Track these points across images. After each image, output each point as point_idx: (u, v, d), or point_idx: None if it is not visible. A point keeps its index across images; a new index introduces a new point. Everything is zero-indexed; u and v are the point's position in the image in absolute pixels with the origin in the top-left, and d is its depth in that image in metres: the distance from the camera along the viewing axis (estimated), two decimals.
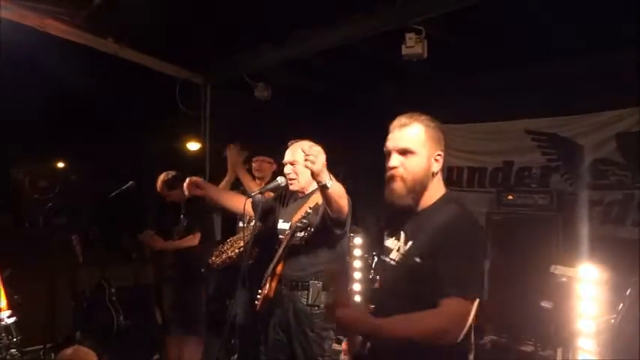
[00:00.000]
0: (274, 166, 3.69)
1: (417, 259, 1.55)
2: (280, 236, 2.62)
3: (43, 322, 3.91)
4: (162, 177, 4.10)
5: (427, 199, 1.67)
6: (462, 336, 1.44)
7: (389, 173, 1.67)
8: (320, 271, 2.47)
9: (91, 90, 4.77)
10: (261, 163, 3.67)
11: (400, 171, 1.63)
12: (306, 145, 2.59)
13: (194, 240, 3.99)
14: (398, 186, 1.64)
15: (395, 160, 1.65)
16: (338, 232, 2.47)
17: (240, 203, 2.78)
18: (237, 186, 3.76)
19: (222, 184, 3.56)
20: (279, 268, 2.54)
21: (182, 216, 4.12)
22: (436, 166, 1.66)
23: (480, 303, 1.50)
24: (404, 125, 1.66)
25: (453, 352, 1.50)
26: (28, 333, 4.13)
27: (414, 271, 1.56)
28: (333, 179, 2.23)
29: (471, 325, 1.51)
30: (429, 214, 1.63)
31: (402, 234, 1.69)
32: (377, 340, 1.58)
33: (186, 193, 2.83)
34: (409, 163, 1.63)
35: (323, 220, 2.43)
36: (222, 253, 3.50)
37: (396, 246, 1.70)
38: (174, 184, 4.08)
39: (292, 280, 2.51)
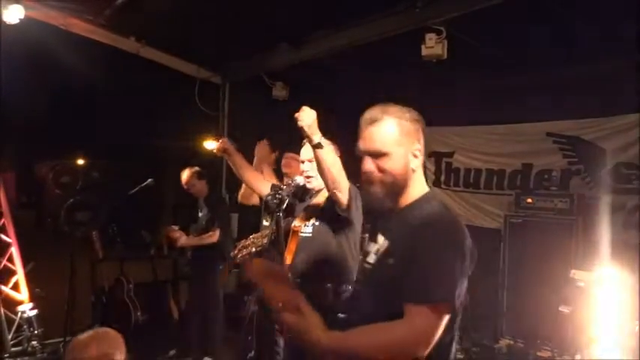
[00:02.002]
0: None
1: (391, 261, 1.41)
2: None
3: (63, 315, 3.99)
4: (189, 169, 4.18)
5: (406, 197, 1.50)
6: (429, 348, 1.26)
7: (364, 177, 1.49)
8: (329, 270, 2.47)
9: (112, 89, 4.85)
10: (291, 160, 3.67)
11: (376, 175, 1.46)
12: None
13: (213, 237, 4.04)
14: (375, 190, 1.47)
15: (369, 164, 1.47)
16: (339, 215, 2.43)
17: (260, 186, 2.84)
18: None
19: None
20: (287, 262, 2.54)
21: (200, 213, 4.17)
22: (415, 162, 1.49)
23: (460, 309, 1.35)
24: (374, 122, 1.46)
25: None
26: (49, 326, 4.24)
27: (387, 274, 1.40)
28: (331, 146, 2.22)
29: (452, 336, 1.37)
30: (407, 214, 1.47)
31: (380, 236, 1.54)
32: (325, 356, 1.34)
33: (216, 151, 2.92)
34: (385, 165, 1.45)
35: (326, 203, 2.44)
36: (244, 248, 3.53)
37: (374, 249, 1.54)
38: (202, 175, 4.17)
39: (302, 278, 2.51)
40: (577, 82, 4.48)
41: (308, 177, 2.59)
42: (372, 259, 1.52)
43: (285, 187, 2.60)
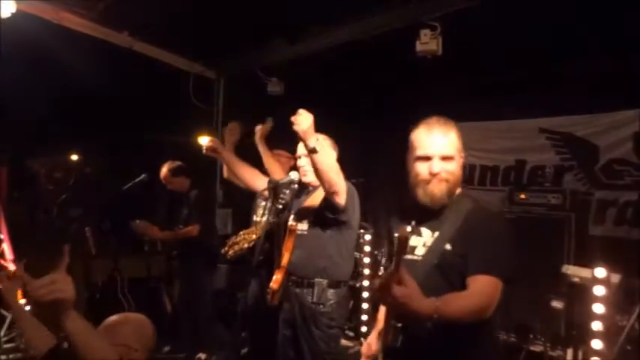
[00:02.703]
0: (292, 162, 3.68)
1: (448, 247, 1.64)
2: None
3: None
4: (166, 164, 4.18)
5: (455, 188, 1.77)
6: (492, 311, 1.54)
7: (429, 177, 1.71)
8: (326, 267, 2.47)
9: (105, 83, 4.81)
10: (279, 158, 3.66)
11: (443, 175, 1.70)
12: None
13: (192, 231, 4.03)
14: (440, 189, 1.70)
15: (437, 165, 1.70)
16: (330, 215, 2.44)
17: (255, 180, 2.83)
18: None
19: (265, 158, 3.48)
20: (284, 260, 2.55)
21: (183, 209, 4.17)
22: (462, 165, 1.79)
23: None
24: (445, 132, 1.73)
25: (485, 332, 1.62)
26: (42, 322, 4.21)
27: (445, 259, 1.63)
28: (326, 147, 2.22)
29: (498, 305, 1.59)
30: (450, 208, 1.72)
31: (425, 230, 1.74)
32: (419, 325, 1.56)
33: (205, 151, 2.92)
34: (450, 167, 1.71)
35: (321, 204, 2.44)
36: (235, 244, 3.53)
37: (420, 242, 1.74)
38: (178, 171, 4.15)
39: (298, 276, 2.51)
40: (570, 79, 4.51)
41: (305, 171, 2.58)
42: (420, 251, 1.71)
43: (282, 183, 2.60)
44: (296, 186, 2.75)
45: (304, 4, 3.67)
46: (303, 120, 2.16)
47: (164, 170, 4.18)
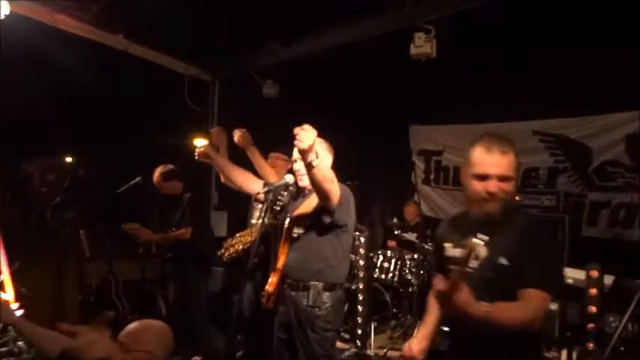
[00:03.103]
0: (289, 165, 3.66)
1: (502, 261, 1.70)
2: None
3: (50, 315, 3.94)
4: (159, 168, 4.16)
5: (509, 203, 1.81)
6: (538, 325, 1.65)
7: (485, 196, 1.76)
8: (321, 270, 2.47)
9: (100, 86, 4.80)
10: (275, 160, 3.65)
11: (500, 195, 1.75)
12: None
13: (184, 234, 4.00)
14: (496, 208, 1.76)
15: (495, 186, 1.75)
16: (326, 220, 2.44)
17: (249, 183, 2.82)
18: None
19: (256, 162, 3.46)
20: (280, 263, 2.54)
21: (177, 212, 4.16)
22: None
23: None
24: (503, 152, 1.76)
25: (532, 341, 1.74)
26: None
27: (499, 273, 1.70)
28: (321, 160, 2.22)
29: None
30: (504, 222, 1.77)
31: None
32: (467, 331, 1.69)
33: (197, 157, 2.88)
34: (507, 187, 1.75)
35: (315, 209, 2.45)
36: (230, 247, 3.53)
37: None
38: (169, 176, 4.13)
39: (294, 279, 2.51)
40: (563, 81, 4.54)
41: (300, 175, 2.58)
42: (472, 263, 1.72)
43: (277, 186, 2.60)
44: (292, 188, 2.74)
45: (299, 6, 3.68)
46: (306, 137, 2.07)
47: (156, 175, 4.15)
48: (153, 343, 1.72)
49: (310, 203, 2.53)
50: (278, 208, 2.76)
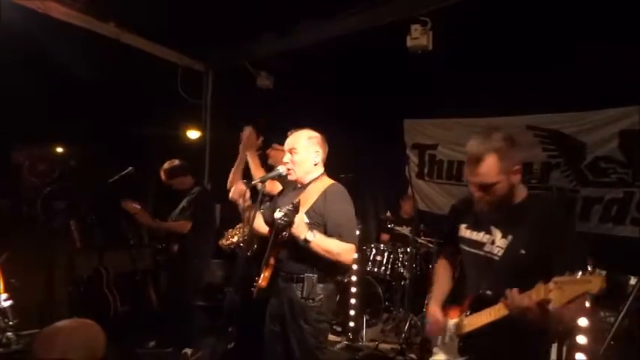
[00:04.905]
0: None
1: (523, 251, 1.73)
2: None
3: (40, 306, 3.90)
4: (164, 166, 4.12)
5: (514, 195, 1.82)
6: None
7: (476, 195, 1.82)
8: (315, 264, 2.45)
9: (92, 75, 4.72)
10: (277, 152, 3.62)
11: (487, 198, 1.78)
12: (304, 134, 2.58)
13: (183, 227, 3.97)
14: (488, 205, 1.81)
15: (477, 193, 1.80)
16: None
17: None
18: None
19: (234, 168, 3.48)
20: (272, 259, 2.52)
21: (180, 205, 4.12)
22: (517, 177, 1.78)
23: None
24: (477, 160, 1.74)
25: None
26: (25, 317, 4.14)
27: (521, 263, 1.73)
28: (317, 232, 2.30)
29: None
30: (521, 211, 1.79)
31: (495, 229, 1.85)
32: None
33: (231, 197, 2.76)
34: (493, 190, 1.76)
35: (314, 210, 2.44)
36: (231, 237, 3.52)
37: (488, 240, 1.86)
38: (174, 172, 4.09)
39: (287, 272, 2.49)
40: (558, 77, 4.54)
41: (289, 169, 2.55)
42: (491, 249, 1.84)
43: (269, 177, 2.57)
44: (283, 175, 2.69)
45: None
46: (286, 216, 2.26)
47: (161, 173, 4.12)
48: (66, 346, 1.55)
49: (305, 197, 2.51)
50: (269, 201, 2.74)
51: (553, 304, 1.51)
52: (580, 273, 1.49)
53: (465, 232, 1.99)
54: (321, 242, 2.32)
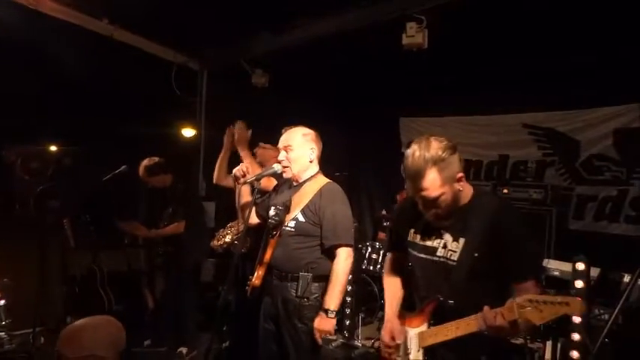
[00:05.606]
0: (277, 155, 3.62)
1: (477, 255, 1.70)
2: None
3: (33, 305, 3.87)
4: (144, 162, 4.09)
5: (460, 199, 1.78)
6: None
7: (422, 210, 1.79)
8: (311, 262, 2.44)
9: (85, 72, 4.68)
10: (264, 150, 3.61)
11: (433, 211, 1.75)
12: (299, 131, 2.56)
13: (178, 228, 3.97)
14: (438, 217, 1.77)
15: (426, 205, 1.76)
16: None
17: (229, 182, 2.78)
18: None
19: (219, 161, 3.46)
20: (267, 257, 2.51)
21: (167, 205, 4.11)
22: (460, 184, 1.75)
23: None
24: (417, 175, 1.69)
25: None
26: (18, 316, 4.11)
27: (477, 266, 1.70)
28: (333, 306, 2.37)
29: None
30: (469, 212, 1.77)
31: (445, 233, 1.82)
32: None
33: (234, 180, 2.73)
34: (438, 202, 1.72)
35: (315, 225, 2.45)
36: (222, 237, 3.50)
37: (439, 244, 1.83)
38: (155, 170, 4.06)
39: (282, 270, 2.48)
40: (552, 75, 4.55)
41: (284, 167, 2.54)
42: (444, 253, 1.81)
43: (264, 174, 2.55)
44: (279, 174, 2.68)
45: None
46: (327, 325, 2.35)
47: (141, 169, 4.07)
48: (94, 343, 1.58)
49: (301, 196, 2.50)
50: (261, 198, 2.73)
51: (531, 322, 1.49)
52: (556, 294, 1.50)
53: (414, 237, 1.94)
54: (337, 296, 2.38)
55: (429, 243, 1.87)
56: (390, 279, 2.17)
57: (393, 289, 2.14)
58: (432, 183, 1.68)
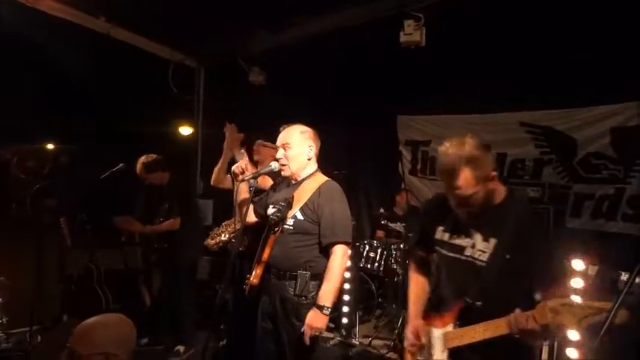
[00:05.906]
0: (275, 153, 3.62)
1: (508, 256, 1.69)
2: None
3: (29, 304, 3.86)
4: (141, 159, 4.08)
5: (492, 198, 1.79)
6: None
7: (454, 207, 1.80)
8: (309, 261, 2.44)
9: (81, 70, 4.67)
10: (261, 148, 3.60)
11: (466, 208, 1.76)
12: (297, 128, 2.56)
13: (174, 224, 3.97)
14: (470, 215, 1.78)
15: (459, 204, 1.76)
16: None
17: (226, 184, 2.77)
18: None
19: (219, 164, 3.48)
20: (265, 255, 2.50)
21: (163, 202, 4.10)
22: (493, 182, 1.76)
23: None
24: (452, 173, 1.70)
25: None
26: (15, 315, 4.10)
27: (508, 267, 1.69)
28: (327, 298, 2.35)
29: None
30: (501, 212, 1.76)
31: (475, 232, 1.81)
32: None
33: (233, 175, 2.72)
34: (472, 201, 1.72)
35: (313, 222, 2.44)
36: (217, 236, 3.49)
37: (468, 244, 1.83)
38: (153, 167, 4.05)
39: (280, 269, 2.47)
40: (550, 74, 4.55)
41: (282, 165, 2.53)
42: (471, 253, 1.81)
43: (261, 172, 2.55)
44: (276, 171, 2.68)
45: None
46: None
47: (138, 166, 4.07)
48: (106, 341, 1.60)
49: (300, 194, 2.49)
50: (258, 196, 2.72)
51: (566, 327, 1.50)
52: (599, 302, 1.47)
53: (442, 235, 1.92)
54: (332, 293, 2.37)
55: (457, 241, 1.86)
56: (415, 278, 2.14)
57: (418, 289, 2.11)
58: (466, 181, 1.68)
